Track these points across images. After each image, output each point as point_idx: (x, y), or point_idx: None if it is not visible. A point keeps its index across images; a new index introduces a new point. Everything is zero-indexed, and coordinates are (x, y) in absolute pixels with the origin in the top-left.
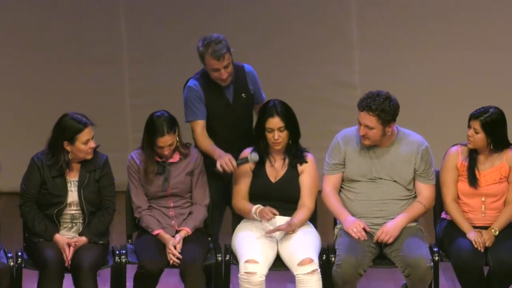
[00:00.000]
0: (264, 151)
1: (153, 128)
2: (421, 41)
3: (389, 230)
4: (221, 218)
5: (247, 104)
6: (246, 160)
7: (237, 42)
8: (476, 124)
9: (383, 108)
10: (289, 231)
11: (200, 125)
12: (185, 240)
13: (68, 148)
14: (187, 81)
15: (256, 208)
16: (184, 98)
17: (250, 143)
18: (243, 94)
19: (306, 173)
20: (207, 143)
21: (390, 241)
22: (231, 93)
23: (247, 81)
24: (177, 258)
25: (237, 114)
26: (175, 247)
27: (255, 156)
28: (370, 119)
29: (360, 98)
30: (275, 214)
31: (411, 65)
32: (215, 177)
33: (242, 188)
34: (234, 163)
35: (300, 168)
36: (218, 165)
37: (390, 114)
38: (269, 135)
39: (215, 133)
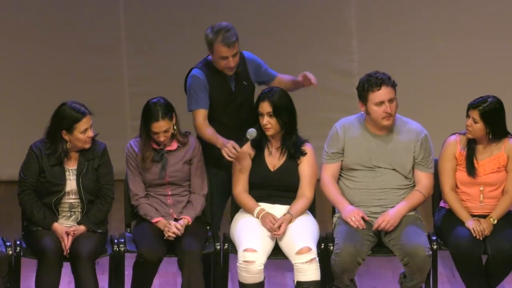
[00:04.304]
0: (262, 137)
1: (148, 114)
2: (420, 29)
3: (390, 218)
4: (223, 210)
5: (248, 91)
6: (246, 139)
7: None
8: (475, 114)
9: (390, 77)
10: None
11: (201, 114)
12: (184, 229)
13: (66, 137)
14: (190, 71)
15: (259, 212)
16: (188, 86)
17: None
18: (244, 82)
19: (305, 163)
20: (209, 131)
21: (390, 229)
22: (233, 81)
23: (248, 69)
24: (175, 238)
25: (240, 102)
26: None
27: (252, 131)
28: (391, 91)
29: (366, 80)
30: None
31: (410, 53)
32: (217, 167)
33: (241, 177)
34: (238, 147)
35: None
36: (225, 155)
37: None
38: (260, 119)
39: (218, 121)
